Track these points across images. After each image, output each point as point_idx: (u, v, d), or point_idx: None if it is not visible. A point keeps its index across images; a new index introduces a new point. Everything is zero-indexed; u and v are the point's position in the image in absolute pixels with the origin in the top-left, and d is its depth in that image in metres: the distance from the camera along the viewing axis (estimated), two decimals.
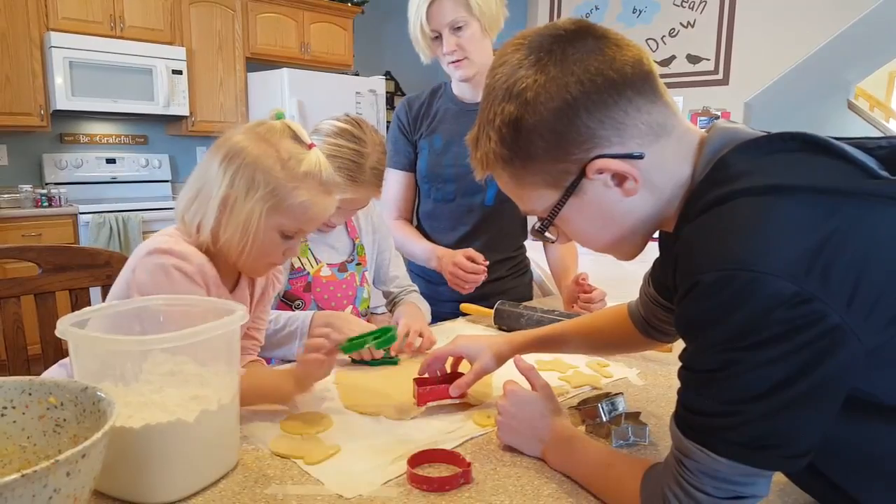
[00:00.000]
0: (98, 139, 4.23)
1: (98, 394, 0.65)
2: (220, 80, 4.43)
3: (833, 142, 0.61)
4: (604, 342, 1.06)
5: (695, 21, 4.37)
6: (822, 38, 3.86)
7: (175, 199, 1.01)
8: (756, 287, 0.53)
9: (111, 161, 4.24)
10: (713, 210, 0.60)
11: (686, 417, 0.61)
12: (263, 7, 4.57)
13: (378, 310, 1.76)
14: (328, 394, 1.05)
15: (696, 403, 0.60)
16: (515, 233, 1.73)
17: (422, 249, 1.64)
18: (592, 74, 0.64)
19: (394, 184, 1.71)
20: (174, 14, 4.15)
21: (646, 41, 4.54)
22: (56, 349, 1.32)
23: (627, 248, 0.75)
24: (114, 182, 4.26)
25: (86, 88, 3.76)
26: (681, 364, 0.62)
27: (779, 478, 0.71)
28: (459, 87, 1.65)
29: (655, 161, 0.67)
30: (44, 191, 3.68)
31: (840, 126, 4.88)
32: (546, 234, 0.75)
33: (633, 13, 4.65)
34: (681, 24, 4.44)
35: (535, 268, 1.88)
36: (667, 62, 4.52)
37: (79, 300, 1.37)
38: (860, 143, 0.63)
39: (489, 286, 1.58)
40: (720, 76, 4.35)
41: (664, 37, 4.55)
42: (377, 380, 1.12)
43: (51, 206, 3.64)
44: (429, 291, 1.64)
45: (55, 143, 4.06)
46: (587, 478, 0.77)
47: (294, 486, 0.76)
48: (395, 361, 1.21)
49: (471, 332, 1.42)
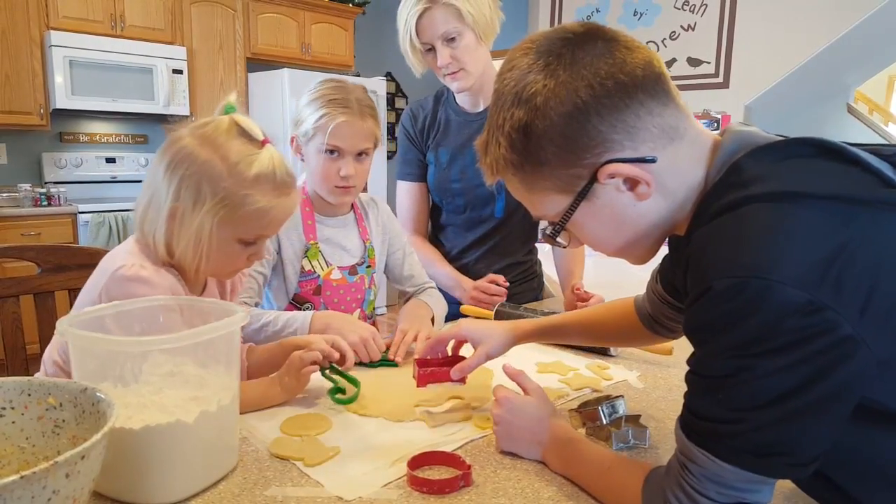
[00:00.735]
0: (98, 138, 4.23)
1: (97, 395, 0.65)
2: (221, 80, 4.42)
3: (849, 148, 0.61)
4: (607, 334, 1.06)
5: (695, 24, 4.38)
6: (823, 42, 3.86)
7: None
8: (768, 295, 0.53)
9: (111, 160, 4.24)
10: (727, 215, 0.59)
11: (691, 422, 0.61)
12: (264, 7, 4.57)
13: (378, 311, 1.76)
14: (328, 395, 1.05)
15: (703, 408, 0.59)
16: (525, 238, 1.72)
17: (446, 276, 1.61)
18: (603, 78, 0.63)
19: (406, 197, 1.69)
20: (175, 13, 4.15)
21: (646, 44, 4.54)
22: None
23: (640, 253, 0.75)
24: (113, 181, 4.25)
25: (86, 88, 3.76)
26: (688, 368, 0.62)
27: (785, 484, 0.71)
28: (460, 96, 1.62)
29: (668, 165, 0.66)
30: (43, 190, 3.68)
31: (839, 129, 4.88)
32: (557, 240, 0.74)
33: (634, 16, 4.66)
34: (681, 27, 4.45)
35: (542, 270, 1.88)
36: (667, 65, 4.47)
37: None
38: (876, 150, 0.62)
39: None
40: (720, 79, 4.36)
41: (665, 40, 4.55)
42: (376, 381, 1.12)
43: (50, 206, 3.63)
44: None
45: (55, 143, 4.05)
46: (588, 480, 0.77)
47: (294, 488, 0.76)
48: (394, 363, 1.20)
49: None
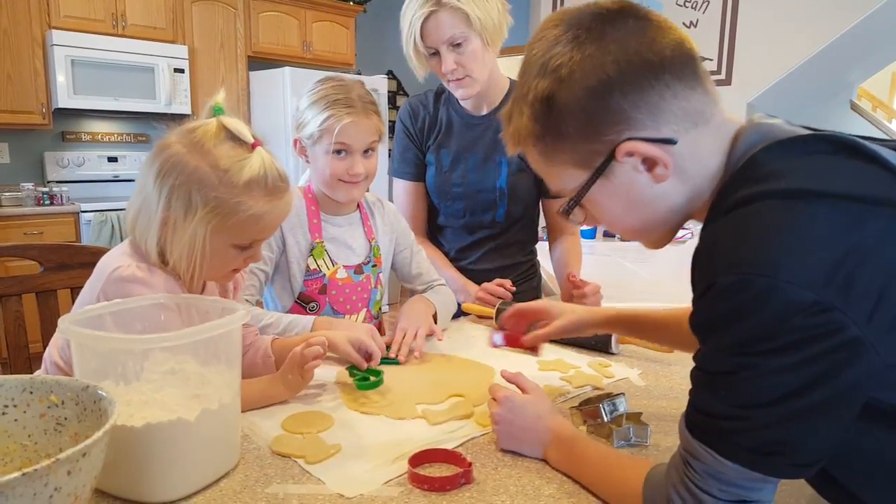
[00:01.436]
0: (100, 137, 4.24)
1: (99, 392, 0.65)
2: (222, 79, 4.42)
3: (867, 145, 0.60)
4: (685, 338, 1.04)
5: (698, 21, 4.37)
6: (825, 39, 3.85)
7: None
8: (773, 294, 0.52)
9: (113, 159, 4.25)
10: (737, 211, 0.59)
11: (695, 417, 0.60)
12: (265, 5, 4.57)
13: (382, 310, 1.76)
14: (329, 393, 1.05)
15: (706, 405, 0.59)
16: (526, 239, 1.71)
17: (452, 280, 1.58)
18: (630, 55, 0.63)
19: (403, 196, 1.66)
20: (176, 12, 4.15)
21: None
22: None
23: (655, 237, 0.74)
24: (116, 180, 4.26)
25: (88, 86, 3.76)
26: (694, 364, 0.62)
27: (793, 482, 0.70)
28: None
29: (689, 149, 0.65)
30: (45, 189, 3.69)
31: (842, 126, 4.86)
32: (571, 216, 0.73)
33: None
34: (683, 24, 4.43)
35: (541, 270, 1.87)
36: None
37: None
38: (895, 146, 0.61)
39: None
40: (723, 76, 4.34)
41: None
42: None
43: (52, 205, 3.64)
44: None
45: (57, 142, 4.06)
46: (589, 478, 0.77)
47: (295, 486, 0.76)
48: (396, 361, 1.21)
49: (473, 332, 1.42)
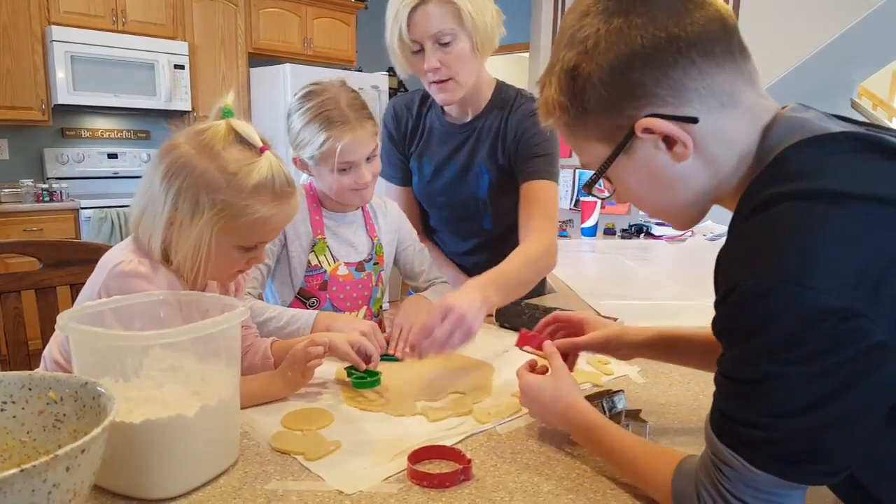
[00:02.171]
0: (100, 134, 4.24)
1: (98, 389, 0.65)
2: (223, 76, 4.42)
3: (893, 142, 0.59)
4: None
5: None
6: (826, 37, 3.84)
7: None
8: (796, 300, 0.51)
9: (113, 156, 4.24)
10: (762, 214, 0.57)
11: (723, 424, 0.60)
12: (266, 2, 4.56)
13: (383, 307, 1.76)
14: (329, 390, 1.05)
15: (734, 412, 0.58)
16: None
17: (454, 279, 1.57)
18: (656, 29, 0.61)
19: (394, 199, 1.62)
20: (176, 8, 4.14)
21: None
22: None
23: (681, 218, 0.73)
24: (115, 177, 4.26)
25: (87, 83, 3.76)
26: (718, 368, 0.61)
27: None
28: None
29: (713, 129, 0.64)
30: (45, 185, 3.69)
31: None
32: (594, 191, 0.73)
33: None
34: None
35: None
36: None
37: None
38: None
39: None
40: None
41: None
42: None
43: (52, 201, 3.64)
44: None
45: (56, 138, 4.06)
46: (616, 467, 0.77)
47: (294, 482, 0.76)
48: (396, 358, 1.21)
49: None
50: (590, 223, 2.79)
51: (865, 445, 0.55)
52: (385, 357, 1.20)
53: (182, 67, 4.13)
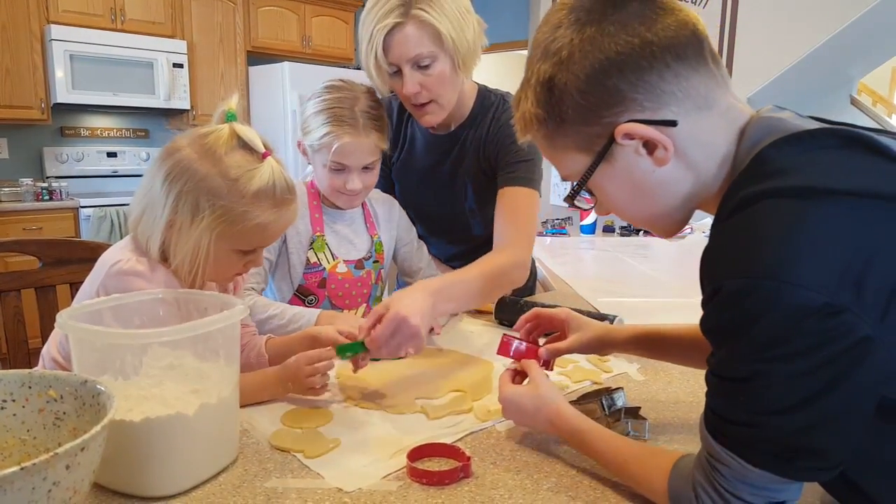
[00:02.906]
0: (99, 133, 4.24)
1: (97, 387, 0.65)
2: (222, 74, 4.42)
3: (878, 139, 0.59)
4: None
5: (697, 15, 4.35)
6: (826, 33, 3.84)
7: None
8: (780, 297, 0.51)
9: (112, 155, 4.25)
10: (742, 212, 0.58)
11: (716, 423, 0.60)
12: (264, 0, 4.56)
13: None
14: (328, 388, 1.05)
15: (725, 410, 0.59)
16: None
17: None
18: (629, 35, 0.62)
19: None
20: (175, 7, 4.14)
21: None
22: None
23: (664, 224, 0.73)
24: (115, 176, 4.26)
25: (86, 82, 3.76)
26: (708, 367, 0.61)
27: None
28: None
29: (691, 133, 0.64)
30: (45, 184, 3.69)
31: (842, 121, 4.85)
32: (576, 202, 0.73)
33: None
34: None
35: (539, 265, 1.87)
36: None
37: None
38: None
39: None
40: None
41: None
42: (378, 374, 1.12)
43: (52, 200, 3.65)
44: None
45: (56, 137, 4.06)
46: (608, 469, 0.77)
47: (294, 480, 0.76)
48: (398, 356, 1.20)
49: (472, 327, 1.42)
50: (589, 221, 2.79)
51: (857, 440, 0.56)
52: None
53: (181, 66, 4.13)
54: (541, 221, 1.73)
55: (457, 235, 1.56)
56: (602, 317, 1.29)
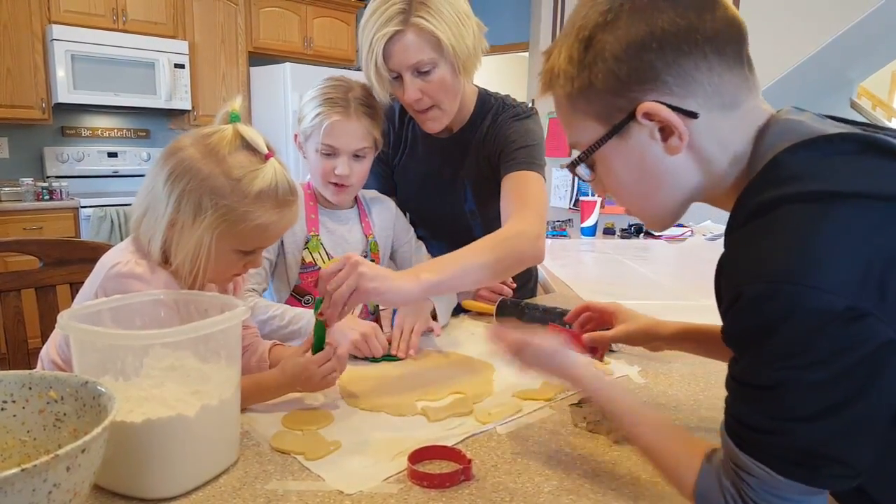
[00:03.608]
0: (100, 133, 4.24)
1: (98, 388, 0.65)
2: (223, 75, 4.43)
3: (894, 142, 0.59)
4: None
5: None
6: (826, 37, 3.84)
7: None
8: (801, 302, 0.51)
9: (113, 155, 4.25)
10: (760, 217, 0.57)
11: (739, 431, 0.59)
12: (266, 1, 4.56)
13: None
14: (329, 390, 1.05)
15: (749, 418, 0.58)
16: None
17: None
18: (678, 16, 0.62)
19: None
20: (177, 7, 4.14)
21: None
22: None
23: (659, 214, 0.72)
24: (115, 176, 4.26)
25: (88, 82, 3.76)
26: (729, 374, 0.60)
27: None
28: None
29: (709, 128, 0.64)
30: (45, 184, 3.69)
31: None
32: (578, 170, 0.72)
33: None
34: None
35: (540, 268, 1.87)
36: None
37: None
38: None
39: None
40: None
41: None
42: (378, 376, 1.12)
43: (52, 200, 3.64)
44: None
45: (57, 137, 4.06)
46: (636, 445, 0.74)
47: (294, 482, 0.76)
48: (397, 358, 1.20)
49: (473, 329, 1.42)
50: (589, 223, 2.79)
51: (880, 444, 0.55)
52: (385, 357, 1.20)
53: (182, 66, 4.13)
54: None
55: (458, 238, 1.54)
56: None
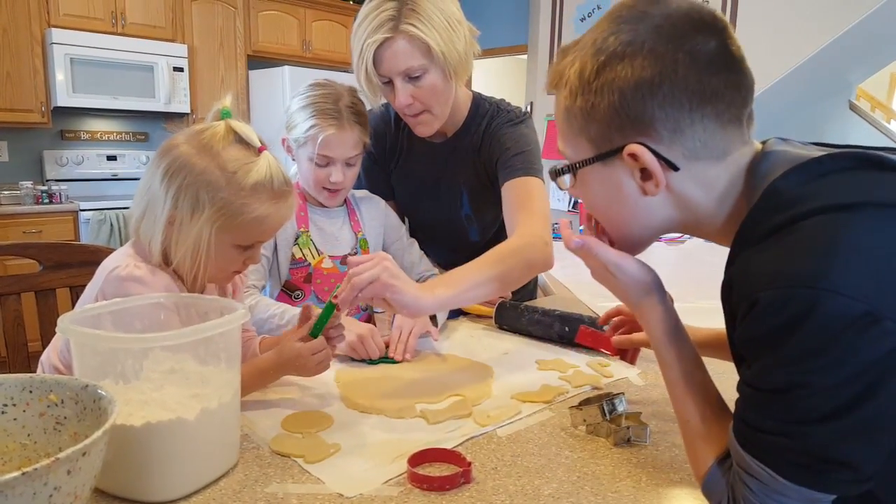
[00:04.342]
0: (99, 136, 4.24)
1: (99, 392, 0.65)
2: (222, 78, 4.43)
3: (889, 157, 0.60)
4: None
5: None
6: (825, 39, 3.85)
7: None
8: (818, 306, 0.51)
9: (112, 158, 4.25)
10: (772, 237, 0.58)
11: (747, 433, 0.59)
12: (265, 4, 4.57)
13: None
14: (328, 392, 1.05)
15: (758, 421, 0.58)
16: None
17: None
18: (691, 72, 0.62)
19: None
20: (175, 11, 4.15)
21: None
22: None
23: (628, 240, 0.75)
24: (115, 179, 4.26)
25: (87, 85, 3.76)
26: (742, 379, 0.60)
27: None
28: None
29: (692, 176, 0.65)
30: (44, 187, 3.69)
31: (841, 127, 4.87)
32: (560, 180, 0.74)
33: None
34: None
35: None
36: None
37: (79, 297, 1.36)
38: None
39: None
40: None
41: None
42: (377, 378, 1.12)
43: (51, 203, 3.64)
44: None
45: (56, 140, 4.06)
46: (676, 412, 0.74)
47: (294, 485, 0.76)
48: (394, 361, 1.20)
49: (472, 332, 1.42)
50: None
51: (891, 449, 0.55)
52: (383, 360, 1.20)
53: (181, 70, 4.13)
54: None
55: (455, 242, 1.58)
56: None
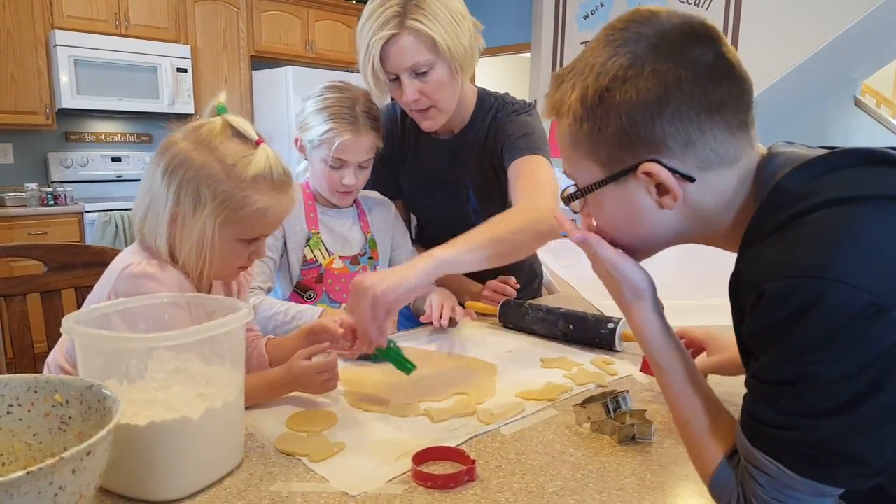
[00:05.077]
0: (103, 137, 4.25)
1: (103, 391, 0.65)
2: (225, 79, 4.43)
3: (893, 152, 0.60)
4: None
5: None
6: (829, 35, 3.83)
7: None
8: (824, 296, 0.51)
9: (116, 159, 4.26)
10: (785, 228, 0.58)
11: (755, 427, 0.59)
12: (268, 5, 4.57)
13: None
14: (333, 391, 1.05)
15: (767, 415, 0.58)
16: None
17: (453, 281, 1.54)
18: (696, 86, 0.62)
19: None
20: (179, 12, 4.16)
21: None
22: None
23: (645, 251, 0.75)
24: (119, 180, 4.27)
25: (91, 87, 3.77)
26: (749, 373, 0.60)
27: None
28: None
29: (706, 185, 0.65)
30: (49, 189, 3.70)
31: (846, 123, 4.85)
32: (572, 204, 0.74)
33: None
34: None
35: (544, 268, 1.87)
36: None
37: (85, 298, 1.37)
38: None
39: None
40: None
41: None
42: (382, 377, 1.12)
43: (56, 205, 3.66)
44: None
45: (61, 142, 4.07)
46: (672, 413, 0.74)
47: (299, 484, 0.76)
48: (412, 366, 1.07)
49: (476, 330, 1.42)
50: None
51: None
52: (400, 363, 1.12)
53: (185, 70, 4.14)
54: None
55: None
56: (607, 319, 1.28)
